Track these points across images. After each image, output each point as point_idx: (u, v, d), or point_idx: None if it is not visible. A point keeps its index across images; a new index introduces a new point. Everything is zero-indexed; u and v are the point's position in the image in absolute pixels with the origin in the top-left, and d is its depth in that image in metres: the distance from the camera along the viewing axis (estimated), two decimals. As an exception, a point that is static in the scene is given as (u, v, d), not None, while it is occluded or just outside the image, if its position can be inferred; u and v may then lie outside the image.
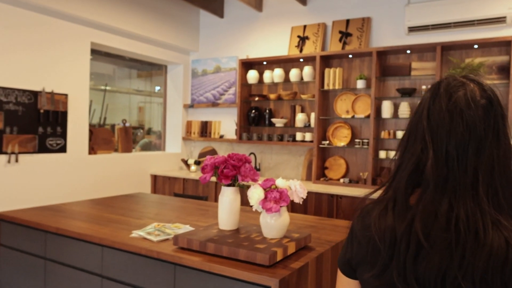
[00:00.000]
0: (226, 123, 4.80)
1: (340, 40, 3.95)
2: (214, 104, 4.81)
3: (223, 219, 1.85)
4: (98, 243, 1.88)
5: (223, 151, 4.82)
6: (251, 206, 1.70)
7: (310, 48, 4.12)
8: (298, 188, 1.71)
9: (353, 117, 3.79)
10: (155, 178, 4.64)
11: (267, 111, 4.33)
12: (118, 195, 3.13)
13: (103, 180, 4.06)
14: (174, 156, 5.00)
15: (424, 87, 3.46)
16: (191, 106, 5.00)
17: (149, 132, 5.35)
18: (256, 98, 4.35)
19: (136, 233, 1.92)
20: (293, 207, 3.50)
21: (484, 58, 3.26)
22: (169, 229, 2.00)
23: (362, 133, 3.89)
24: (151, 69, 5.25)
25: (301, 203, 1.75)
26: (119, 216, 2.32)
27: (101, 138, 4.21)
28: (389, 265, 0.72)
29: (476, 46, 3.27)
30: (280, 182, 1.75)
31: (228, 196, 1.85)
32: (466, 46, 3.30)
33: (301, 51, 4.18)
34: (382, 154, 3.62)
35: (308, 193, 2.90)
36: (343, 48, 3.92)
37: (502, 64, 3.22)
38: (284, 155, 4.39)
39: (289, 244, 1.64)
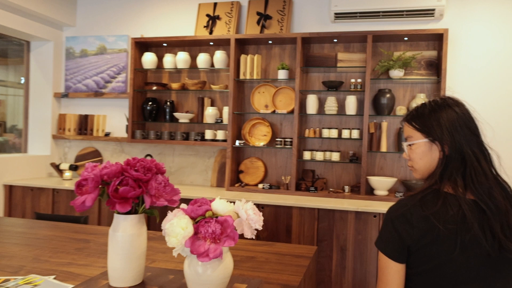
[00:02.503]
0: (114, 117, 3.82)
1: (258, 23, 3.37)
2: (97, 93, 3.78)
3: (117, 271, 1.06)
4: None
5: (109, 153, 3.82)
6: (172, 249, 0.97)
7: (222, 30, 3.46)
8: (251, 215, 1.03)
9: (273, 112, 3.25)
10: (10, 189, 3.41)
11: (168, 103, 3.52)
12: None
13: None
14: (41, 159, 3.80)
15: (353, 80, 3.09)
16: (65, 95, 3.87)
17: (11, 130, 4.02)
18: (154, 87, 3.50)
19: None
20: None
21: (413, 52, 3.05)
22: (11, 294, 1.12)
23: (282, 131, 3.38)
24: (15, 54, 3.91)
25: (254, 237, 1.07)
26: None
27: None
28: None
29: (406, 39, 3.03)
30: (219, 206, 1.05)
31: (125, 232, 1.07)
32: (395, 38, 3.04)
33: (211, 32, 3.48)
34: (307, 155, 3.15)
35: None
36: (261, 32, 3.35)
37: (431, 59, 3.04)
38: (189, 157, 3.63)
39: (239, 312, 0.95)
